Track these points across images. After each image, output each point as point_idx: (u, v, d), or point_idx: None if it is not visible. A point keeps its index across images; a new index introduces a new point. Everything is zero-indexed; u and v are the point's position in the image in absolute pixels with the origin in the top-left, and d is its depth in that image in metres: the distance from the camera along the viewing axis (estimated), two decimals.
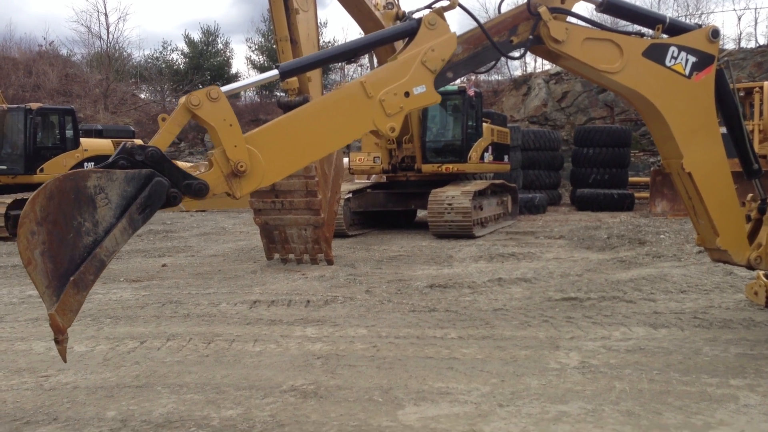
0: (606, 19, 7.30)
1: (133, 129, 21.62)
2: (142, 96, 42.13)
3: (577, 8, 4.96)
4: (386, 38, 4.85)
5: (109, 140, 19.52)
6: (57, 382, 4.86)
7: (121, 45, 43.62)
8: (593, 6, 5.15)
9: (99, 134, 20.37)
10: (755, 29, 59.97)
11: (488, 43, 4.80)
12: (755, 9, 55.58)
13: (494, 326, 6.23)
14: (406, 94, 4.47)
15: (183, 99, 3.97)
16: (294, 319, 6.67)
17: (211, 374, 4.97)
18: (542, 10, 4.75)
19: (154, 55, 45.38)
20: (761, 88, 18.34)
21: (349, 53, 4.68)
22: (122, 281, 9.11)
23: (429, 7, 4.67)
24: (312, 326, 6.39)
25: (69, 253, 3.41)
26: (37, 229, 3.32)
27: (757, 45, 30.75)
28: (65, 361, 3.67)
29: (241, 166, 4.00)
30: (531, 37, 4.84)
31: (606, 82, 5.18)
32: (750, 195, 5.81)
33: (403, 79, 4.46)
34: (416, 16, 4.65)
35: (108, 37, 41.80)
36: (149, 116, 36.52)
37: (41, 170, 16.75)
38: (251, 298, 7.73)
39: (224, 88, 4.10)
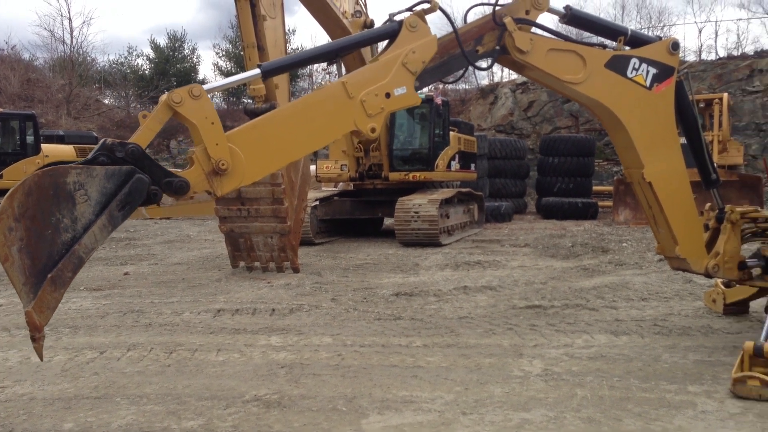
0: (571, 31, 7.42)
1: (96, 135, 21.36)
2: (106, 101, 41.61)
3: (542, 19, 5.04)
4: (368, 40, 4.92)
5: (71, 146, 19.25)
6: (13, 393, 4.75)
7: (85, 50, 43.07)
8: (558, 17, 5.25)
9: (61, 140, 20.08)
10: (715, 42, 61.53)
11: (456, 51, 4.84)
12: (715, 22, 57.11)
13: (459, 334, 6.26)
14: (387, 95, 4.53)
15: (164, 96, 3.95)
16: (258, 328, 6.62)
17: (173, 385, 4.90)
18: (507, 20, 4.82)
19: (119, 60, 44.94)
20: (721, 99, 18.80)
21: (331, 54, 4.71)
22: (82, 290, 8.95)
23: (410, 9, 4.73)
24: (277, 335, 6.34)
25: (47, 249, 3.37)
26: (15, 225, 3.27)
27: (717, 57, 31.53)
28: (41, 359, 3.64)
29: (223, 165, 4.00)
30: (497, 47, 4.90)
31: (569, 93, 5.26)
32: (708, 204, 5.94)
33: (384, 80, 4.52)
34: (397, 18, 4.71)
35: (72, 41, 41.26)
36: (113, 122, 36.09)
37: (0, 176, 16.41)
38: (215, 307, 7.66)
39: (206, 86, 4.09)
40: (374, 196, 15.48)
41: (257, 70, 4.43)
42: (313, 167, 15.40)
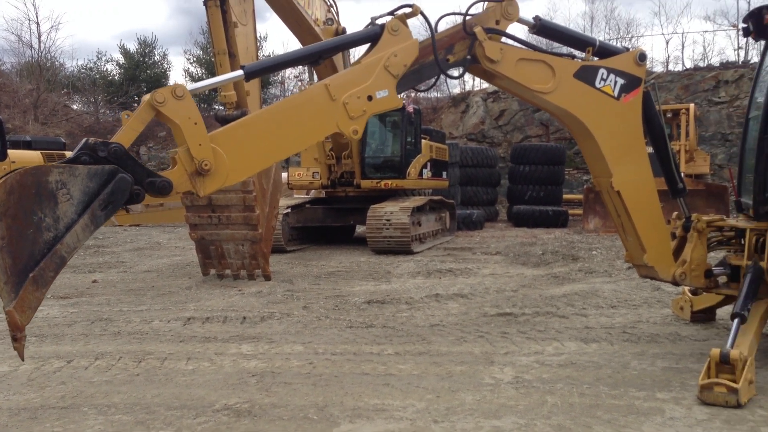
0: (541, 42, 7.50)
1: (63, 141, 21.04)
2: (75, 107, 41.02)
3: (512, 29, 5.09)
4: (350, 43, 4.95)
5: (38, 152, 18.93)
6: None
7: (53, 54, 42.47)
8: (527, 28, 5.31)
9: (28, 146, 19.74)
10: (682, 53, 62.55)
11: (428, 59, 4.86)
12: (682, 34, 58.18)
13: (431, 342, 6.27)
14: (369, 98, 4.56)
15: (147, 96, 3.94)
16: (229, 336, 6.56)
17: (141, 394, 4.84)
18: (478, 30, 4.85)
19: (88, 66, 44.32)
20: (687, 109, 19.13)
21: (314, 56, 4.73)
22: (49, 298, 8.80)
23: (392, 13, 4.77)
24: (247, 343, 6.29)
25: (29, 248, 3.34)
26: None
27: (684, 68, 32.10)
28: (23, 360, 3.59)
29: (206, 165, 4.00)
30: (468, 56, 4.93)
31: (539, 102, 5.31)
32: (675, 213, 6.03)
33: (366, 83, 4.56)
34: (379, 22, 4.75)
35: (39, 46, 40.67)
36: (81, 128, 35.59)
37: None
38: (185, 315, 7.58)
39: (190, 87, 4.09)
40: (346, 203, 15.47)
41: (240, 72, 4.44)
42: (284, 174, 15.35)
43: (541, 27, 5.22)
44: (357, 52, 11.60)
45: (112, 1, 71.94)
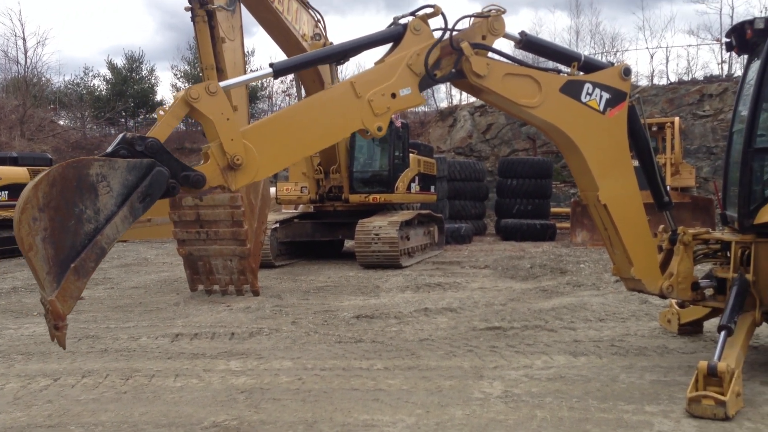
0: (528, 57, 7.58)
1: (50, 157, 20.89)
2: (61, 123, 40.88)
3: (498, 45, 5.15)
4: (374, 42, 5.04)
5: (24, 168, 18.78)
6: None
7: (39, 70, 42.30)
8: (513, 43, 5.37)
9: (14, 162, 19.60)
10: (666, 67, 63.26)
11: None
12: (666, 48, 58.75)
13: (420, 356, 6.26)
14: (393, 96, 4.74)
15: (181, 93, 4.12)
16: (217, 353, 6.53)
17: (129, 412, 4.80)
18: (464, 45, 4.91)
19: (75, 81, 44.23)
20: (672, 123, 19.27)
21: (340, 54, 4.97)
22: (35, 315, 8.73)
23: (413, 14, 4.95)
24: (236, 359, 6.26)
25: (70, 239, 3.48)
26: (39, 216, 3.38)
27: (669, 82, 32.46)
28: (64, 348, 3.74)
29: (237, 160, 4.16)
30: (453, 70, 4.99)
31: (525, 116, 5.35)
32: (661, 227, 6.07)
33: (390, 80, 4.74)
34: (402, 22, 4.93)
35: (26, 61, 40.52)
36: (68, 143, 35.47)
37: None
38: (173, 332, 7.53)
39: (222, 83, 4.27)
40: (334, 218, 15.46)
41: (269, 69, 4.63)
42: (273, 189, 15.33)
43: (527, 42, 5.28)
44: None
45: (98, 16, 72.00)
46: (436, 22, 4.95)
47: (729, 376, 4.51)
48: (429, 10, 4.93)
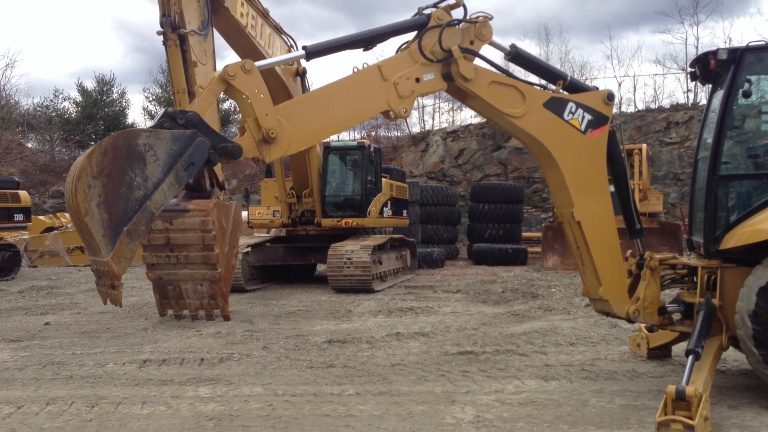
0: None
1: (17, 180, 20.53)
2: (30, 145, 40.30)
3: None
4: (399, 30, 5.36)
5: None
6: None
7: (8, 92, 41.72)
8: (503, 54, 5.56)
9: None
10: (634, 95, 64.48)
11: None
12: (634, 76, 60.04)
13: (392, 381, 6.23)
14: (417, 80, 5.09)
15: (218, 72, 4.50)
16: (186, 379, 6.43)
17: None
18: (454, 48, 5.10)
19: (44, 104, 43.71)
20: (640, 150, 19.64)
21: (366, 41, 5.27)
22: (0, 341, 8.53)
23: (436, 6, 5.26)
24: (205, 385, 6.17)
25: (122, 205, 3.81)
26: (93, 183, 3.70)
27: (636, 109, 33.02)
28: (120, 306, 4.17)
29: (272, 133, 4.49)
30: (442, 73, 5.24)
31: (507, 126, 5.48)
32: (629, 251, 6.15)
33: (414, 66, 5.10)
34: (426, 12, 5.28)
35: None
36: (36, 166, 34.98)
37: None
38: (141, 357, 7.41)
39: (257, 63, 4.66)
40: (307, 242, 15.41)
41: (302, 51, 5.00)
42: (245, 213, 15.25)
43: (516, 55, 5.47)
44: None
45: (67, 39, 71.54)
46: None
47: (697, 401, 4.56)
48: (452, 2, 5.27)
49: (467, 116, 36.76)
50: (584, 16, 61.88)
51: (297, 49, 12.94)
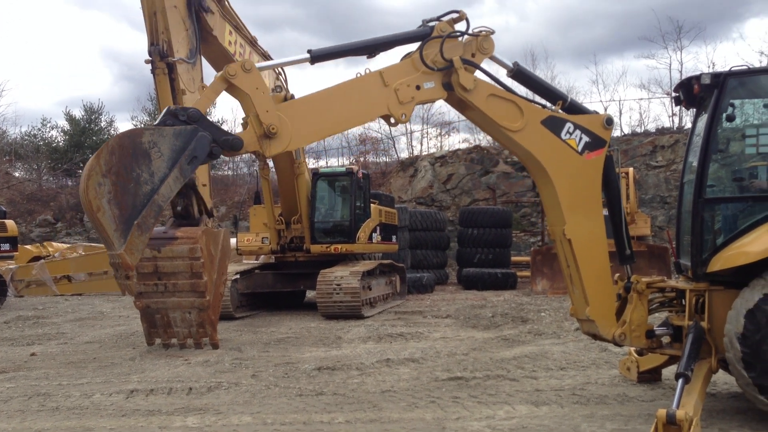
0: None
1: (4, 209, 20.43)
2: (17, 174, 40.14)
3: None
4: (403, 40, 5.49)
5: None
6: None
7: None
8: (505, 70, 5.67)
9: None
10: (620, 119, 64.63)
11: None
12: (619, 101, 60.53)
13: (382, 408, 6.19)
14: (417, 87, 5.22)
15: (221, 72, 4.60)
16: (174, 409, 6.36)
17: None
18: (455, 58, 5.25)
19: (32, 132, 43.61)
20: (627, 173, 19.81)
21: (371, 48, 5.38)
22: None
23: (439, 18, 5.40)
24: (193, 415, 6.11)
25: (131, 200, 3.99)
26: (103, 181, 3.89)
27: (623, 133, 33.33)
28: (133, 295, 4.26)
29: (273, 128, 4.62)
30: (443, 83, 5.35)
31: (505, 140, 5.55)
32: (617, 275, 6.17)
33: (416, 74, 5.23)
34: (430, 24, 5.43)
35: None
36: (23, 195, 34.80)
37: None
38: (128, 387, 7.32)
39: (257, 64, 4.78)
40: (296, 268, 15.37)
41: (306, 54, 5.08)
42: (233, 240, 15.20)
43: (518, 72, 5.58)
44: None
45: (55, 68, 71.63)
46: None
47: (688, 424, 4.55)
48: (455, 15, 5.40)
49: (455, 141, 37.08)
50: (569, 42, 62.78)
51: (285, 77, 13.07)
